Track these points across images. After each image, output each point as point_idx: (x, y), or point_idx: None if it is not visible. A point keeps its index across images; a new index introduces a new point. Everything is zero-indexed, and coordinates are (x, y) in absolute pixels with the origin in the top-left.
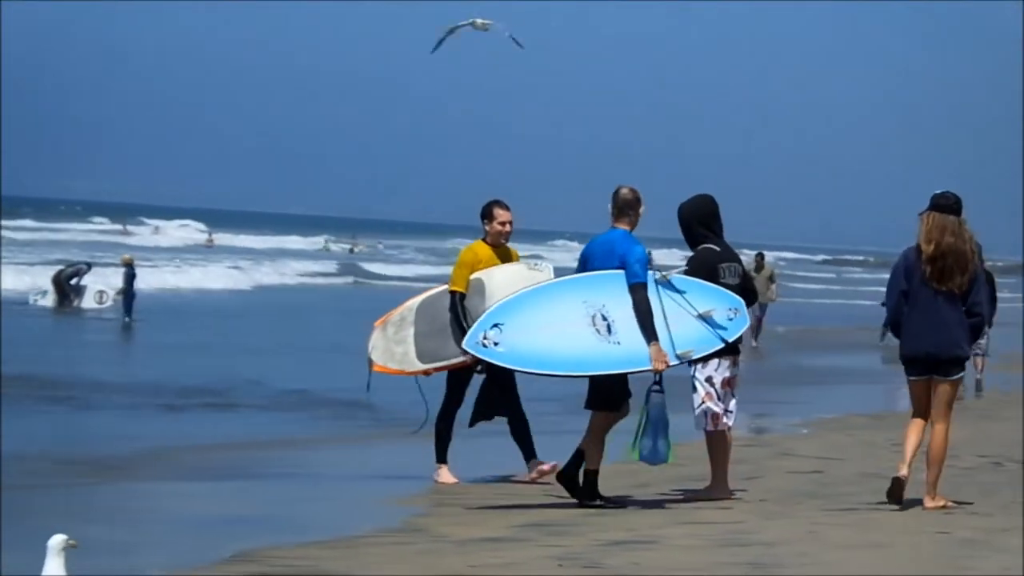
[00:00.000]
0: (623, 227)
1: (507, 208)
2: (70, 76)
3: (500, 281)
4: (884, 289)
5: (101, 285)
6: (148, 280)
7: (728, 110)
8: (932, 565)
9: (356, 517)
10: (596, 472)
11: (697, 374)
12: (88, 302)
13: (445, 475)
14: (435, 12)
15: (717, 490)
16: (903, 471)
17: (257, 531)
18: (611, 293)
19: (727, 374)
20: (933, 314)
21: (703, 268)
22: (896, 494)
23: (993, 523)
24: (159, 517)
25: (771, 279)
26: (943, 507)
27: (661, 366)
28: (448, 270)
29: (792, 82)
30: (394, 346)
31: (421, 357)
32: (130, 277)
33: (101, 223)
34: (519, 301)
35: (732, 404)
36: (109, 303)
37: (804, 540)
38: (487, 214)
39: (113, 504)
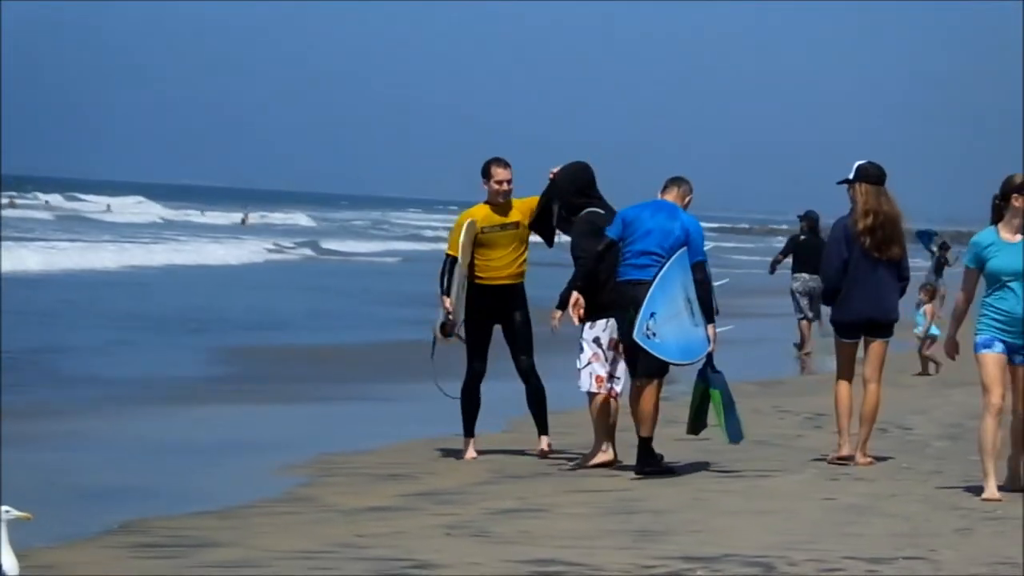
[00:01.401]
0: (671, 200)
1: (506, 166)
2: None
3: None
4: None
5: None
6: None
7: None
8: (819, 531)
9: (239, 487)
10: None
11: (585, 334)
12: None
13: (470, 451)
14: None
15: (597, 455)
16: (845, 450)
17: (140, 501)
18: (688, 273)
19: (615, 335)
20: (875, 282)
21: (592, 231)
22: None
23: (878, 489)
24: (30, 488)
25: None
26: (870, 463)
27: (714, 347)
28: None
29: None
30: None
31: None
32: None
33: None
34: (661, 287)
35: (620, 369)
36: None
37: (692, 507)
38: (485, 172)
39: None
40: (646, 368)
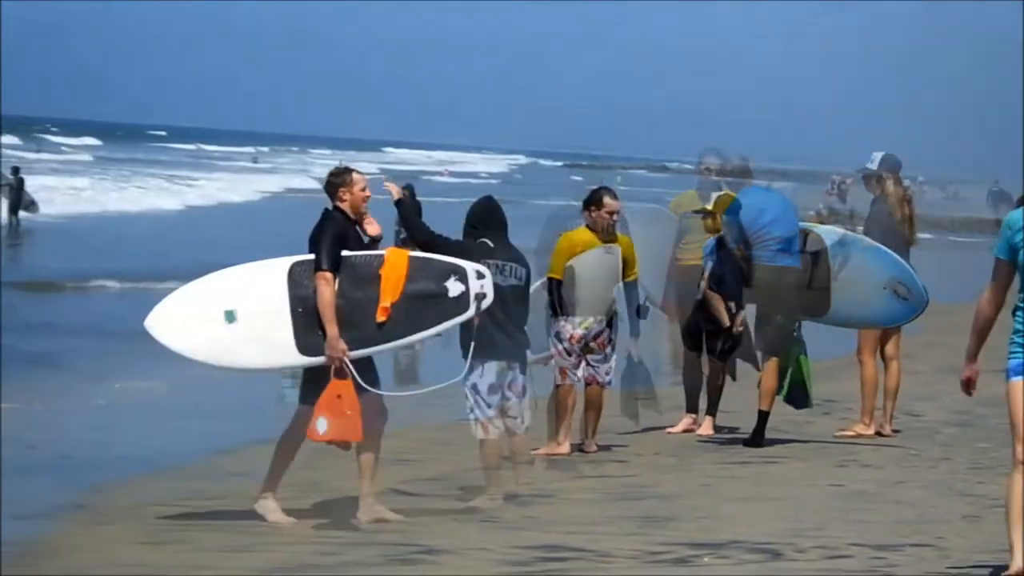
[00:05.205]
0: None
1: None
2: None
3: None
4: None
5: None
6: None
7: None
8: (826, 517)
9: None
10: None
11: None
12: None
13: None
14: None
15: (552, 445)
16: (873, 428)
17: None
18: None
19: (578, 332)
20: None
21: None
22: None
23: (886, 475)
24: None
25: None
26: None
27: None
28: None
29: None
30: None
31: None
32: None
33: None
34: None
35: (597, 360)
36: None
37: (698, 493)
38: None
39: None
40: (774, 347)
